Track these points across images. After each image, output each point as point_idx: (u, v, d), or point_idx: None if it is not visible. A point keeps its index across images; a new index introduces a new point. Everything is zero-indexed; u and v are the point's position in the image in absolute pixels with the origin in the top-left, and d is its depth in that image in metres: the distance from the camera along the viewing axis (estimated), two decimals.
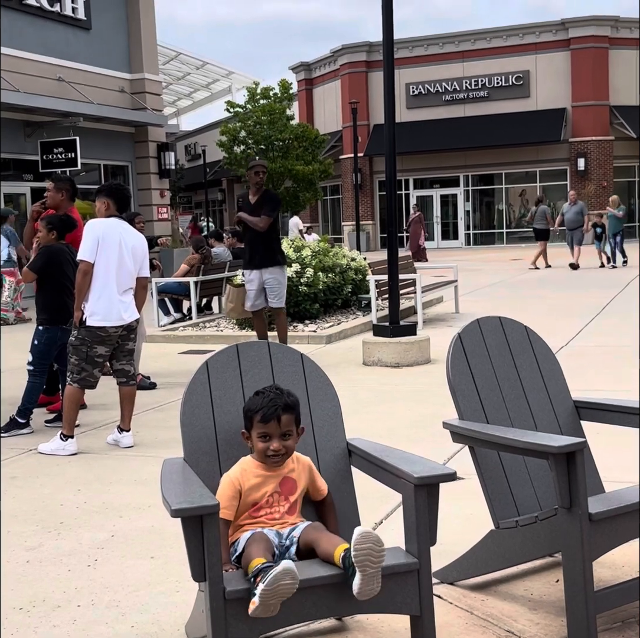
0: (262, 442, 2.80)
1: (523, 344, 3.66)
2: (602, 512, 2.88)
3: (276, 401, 2.80)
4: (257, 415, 2.79)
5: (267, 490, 2.82)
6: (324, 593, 2.54)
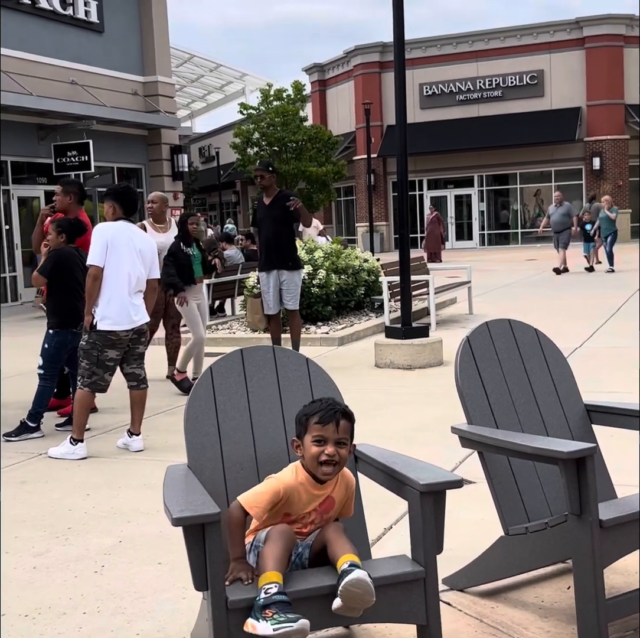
0: (316, 446, 2.66)
1: (533, 347, 3.60)
2: (613, 519, 2.83)
3: (335, 406, 2.72)
4: (315, 416, 2.68)
5: (306, 508, 2.71)
6: (329, 602, 2.49)
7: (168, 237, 8.44)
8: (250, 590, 2.44)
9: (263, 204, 8.89)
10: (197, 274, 8.30)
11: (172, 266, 8.06)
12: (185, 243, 8.22)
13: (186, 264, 8.14)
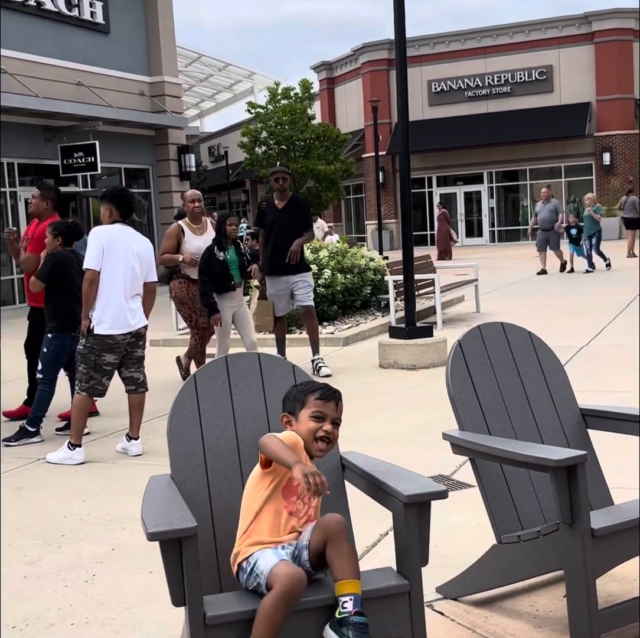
0: (315, 422, 2.68)
1: (527, 350, 3.53)
2: (606, 528, 2.76)
3: (332, 388, 2.77)
4: (315, 393, 2.71)
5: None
6: (314, 615, 2.44)
7: (206, 240, 8.06)
8: (229, 604, 2.39)
9: (274, 207, 8.67)
10: (236, 280, 7.83)
11: (206, 275, 7.67)
12: (220, 247, 7.75)
13: (220, 272, 7.67)
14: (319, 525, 2.53)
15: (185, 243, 8.11)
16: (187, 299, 8.16)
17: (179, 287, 8.21)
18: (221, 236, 7.80)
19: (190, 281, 8.13)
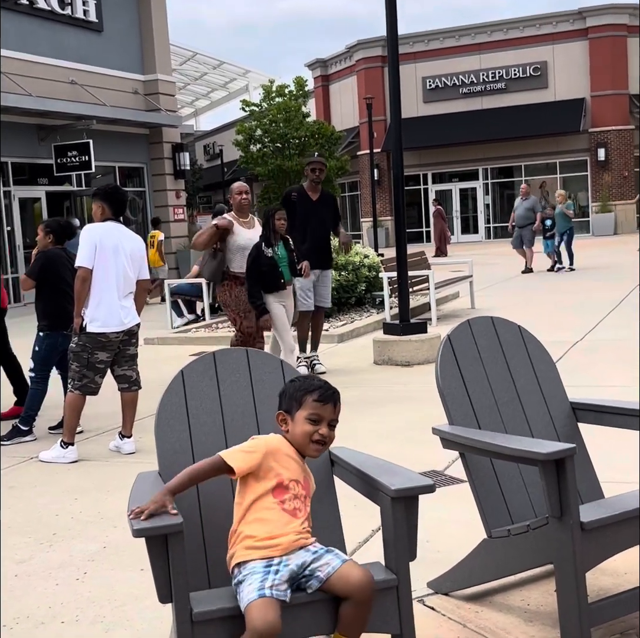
0: (311, 425, 2.60)
1: (516, 345, 3.52)
2: (595, 521, 2.75)
3: (331, 387, 2.68)
4: (313, 394, 2.61)
5: (294, 475, 2.60)
6: (303, 613, 2.43)
7: (254, 234, 7.60)
8: (216, 601, 2.38)
9: (308, 199, 8.41)
10: (286, 278, 7.41)
11: (254, 275, 7.22)
12: (268, 243, 7.29)
13: (268, 270, 7.22)
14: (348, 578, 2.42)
15: (234, 235, 7.55)
16: (230, 302, 7.62)
17: (223, 290, 7.68)
18: (269, 231, 7.34)
19: (235, 282, 7.58)
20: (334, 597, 2.41)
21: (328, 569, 2.44)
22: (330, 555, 2.50)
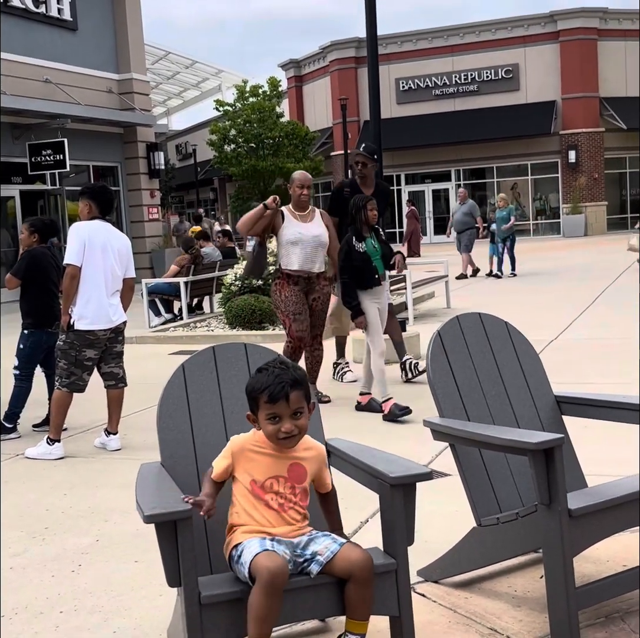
0: (271, 424, 2.58)
1: (504, 340, 3.64)
2: (582, 508, 2.86)
3: (282, 377, 2.57)
4: (263, 394, 2.56)
5: (269, 472, 2.63)
6: (304, 595, 2.52)
7: (309, 228, 6.93)
8: (223, 585, 2.46)
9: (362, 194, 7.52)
10: (380, 272, 6.77)
11: (346, 272, 6.63)
12: (360, 237, 6.67)
13: (361, 265, 6.62)
14: (349, 559, 2.50)
15: (284, 229, 6.87)
16: (279, 302, 6.96)
17: (274, 290, 7.03)
18: (360, 223, 6.69)
19: (286, 281, 6.92)
20: (337, 580, 2.50)
21: (327, 553, 2.53)
22: (328, 538, 2.60)
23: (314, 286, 7.01)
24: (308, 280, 6.96)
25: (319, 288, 7.05)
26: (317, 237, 6.94)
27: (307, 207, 7.06)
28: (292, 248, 6.86)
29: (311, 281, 6.98)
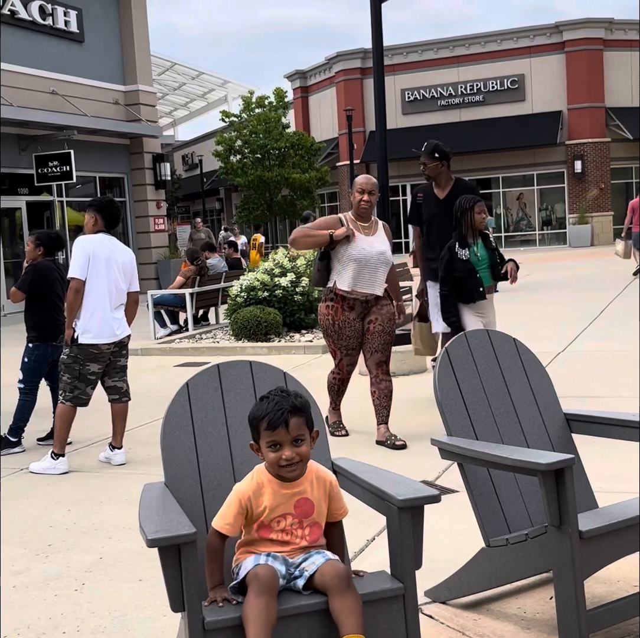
0: (272, 452, 2.54)
1: (512, 357, 3.59)
2: (593, 530, 2.82)
3: (282, 404, 2.54)
4: (263, 422, 2.54)
5: (276, 511, 2.58)
6: (306, 621, 2.47)
7: (374, 242, 6.06)
8: (228, 610, 2.42)
9: (434, 197, 6.99)
10: (486, 283, 6.18)
11: (448, 284, 6.05)
12: (464, 243, 6.07)
13: (463, 276, 6.04)
14: (321, 573, 2.48)
15: (345, 243, 6.00)
16: (331, 331, 6.14)
17: (325, 314, 6.13)
18: (466, 228, 6.08)
19: (341, 305, 6.06)
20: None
21: (312, 567, 2.51)
22: (319, 555, 2.56)
23: (371, 309, 6.12)
24: (366, 303, 6.08)
25: (376, 308, 6.13)
26: (382, 255, 6.03)
27: (369, 217, 6.15)
28: (351, 265, 5.97)
29: (369, 305, 6.10)
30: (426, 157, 6.91)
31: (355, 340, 6.12)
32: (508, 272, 6.19)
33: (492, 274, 6.20)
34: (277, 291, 11.76)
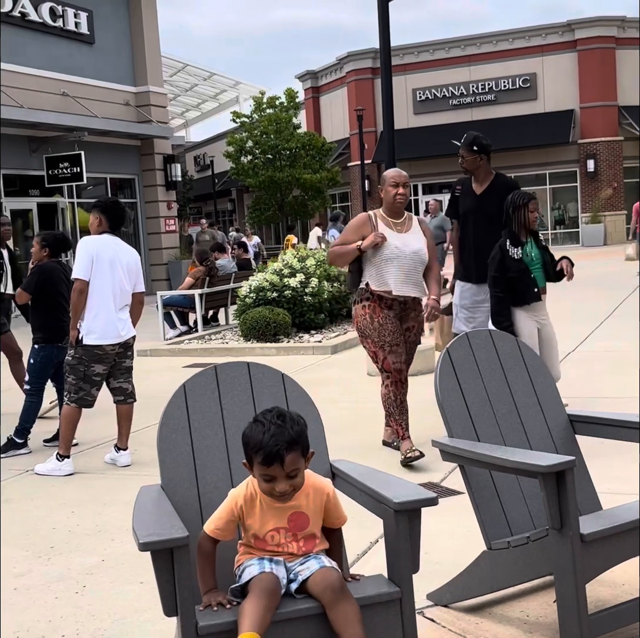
0: (265, 482, 2.47)
1: (514, 357, 3.55)
2: (595, 532, 2.78)
3: (278, 438, 2.42)
4: (257, 455, 2.44)
5: (269, 525, 2.53)
6: (303, 625, 2.44)
7: (407, 241, 5.65)
8: (221, 615, 2.39)
9: (472, 192, 6.64)
10: (540, 285, 5.81)
11: (500, 286, 5.62)
12: (516, 242, 5.66)
13: (516, 277, 5.65)
14: (314, 581, 2.44)
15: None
16: (370, 331, 5.67)
17: (362, 314, 5.70)
18: (518, 225, 5.69)
19: (379, 304, 5.66)
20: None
21: (306, 572, 2.48)
22: (314, 560, 2.53)
23: (409, 313, 5.74)
24: (404, 305, 5.68)
25: (415, 315, 5.78)
26: (416, 254, 5.66)
27: (402, 213, 5.74)
28: (386, 266, 5.58)
29: (407, 306, 5.70)
30: (464, 150, 6.59)
31: (398, 335, 5.62)
32: (564, 269, 5.81)
33: (546, 274, 5.83)
34: (287, 292, 11.74)
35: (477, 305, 6.58)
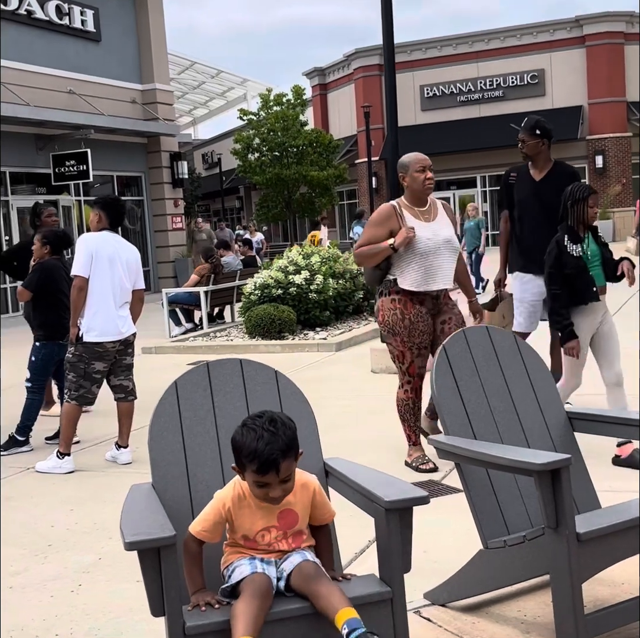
0: (259, 488, 2.44)
1: (512, 354, 3.51)
2: (591, 531, 2.74)
3: (273, 447, 2.38)
4: (252, 464, 2.40)
5: (259, 524, 2.51)
6: (294, 625, 2.41)
7: (437, 230, 5.28)
8: (209, 615, 2.36)
9: (529, 179, 6.26)
10: (598, 284, 5.22)
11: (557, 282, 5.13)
12: (575, 238, 5.13)
13: (574, 273, 5.12)
14: (294, 576, 2.45)
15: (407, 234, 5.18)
16: (400, 328, 5.24)
17: (391, 308, 5.27)
18: (577, 220, 5.16)
19: (410, 299, 5.25)
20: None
21: (290, 566, 2.47)
22: (297, 555, 2.52)
23: (442, 307, 5.35)
24: (436, 299, 5.31)
25: (448, 307, 5.40)
26: (449, 243, 5.31)
27: (426, 200, 5.36)
28: (416, 261, 5.21)
29: (439, 301, 5.34)
30: (525, 134, 6.24)
31: (428, 336, 5.27)
32: (625, 272, 5.27)
33: (605, 273, 5.34)
34: (292, 289, 11.71)
35: (532, 299, 6.21)
